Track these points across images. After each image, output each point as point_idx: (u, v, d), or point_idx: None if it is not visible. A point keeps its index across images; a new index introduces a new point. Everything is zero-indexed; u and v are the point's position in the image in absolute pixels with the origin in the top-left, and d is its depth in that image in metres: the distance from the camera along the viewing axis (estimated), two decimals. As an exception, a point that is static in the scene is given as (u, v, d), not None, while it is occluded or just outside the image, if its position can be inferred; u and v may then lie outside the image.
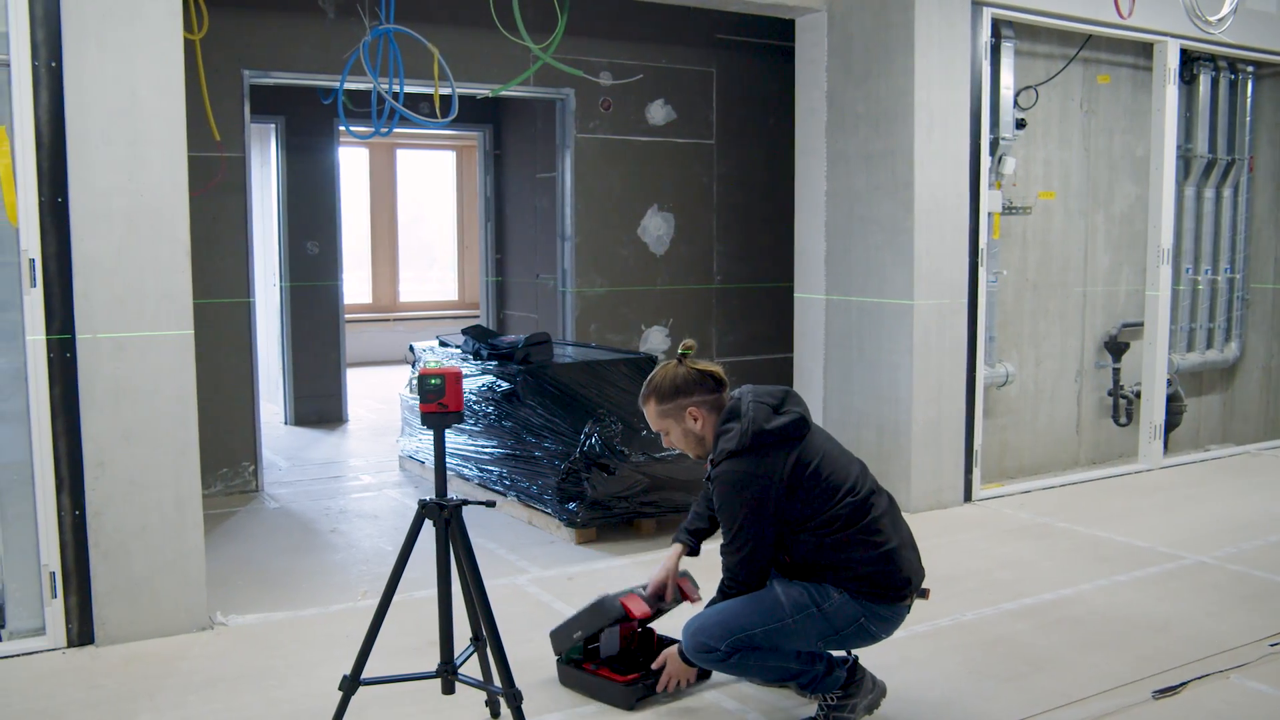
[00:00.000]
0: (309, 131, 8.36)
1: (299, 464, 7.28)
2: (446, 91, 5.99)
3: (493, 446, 5.97)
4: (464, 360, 6.43)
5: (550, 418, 5.55)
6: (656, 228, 7.63)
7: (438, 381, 3.00)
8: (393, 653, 3.91)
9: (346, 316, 12.54)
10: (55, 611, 4.01)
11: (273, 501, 6.24)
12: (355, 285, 13.05)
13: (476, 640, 3.28)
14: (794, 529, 3.22)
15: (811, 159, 6.42)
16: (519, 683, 3.68)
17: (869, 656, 3.85)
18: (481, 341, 6.33)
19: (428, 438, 6.68)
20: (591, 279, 7.42)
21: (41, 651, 3.99)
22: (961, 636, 4.15)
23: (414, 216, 13.57)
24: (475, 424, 6.15)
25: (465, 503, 3.09)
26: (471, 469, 6.19)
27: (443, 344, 6.88)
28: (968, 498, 6.16)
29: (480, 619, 3.06)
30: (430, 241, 13.79)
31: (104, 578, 4.03)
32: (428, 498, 3.08)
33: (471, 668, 3.33)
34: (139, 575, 4.08)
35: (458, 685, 3.16)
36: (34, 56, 3.84)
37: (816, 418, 6.42)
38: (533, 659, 3.92)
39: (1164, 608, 4.47)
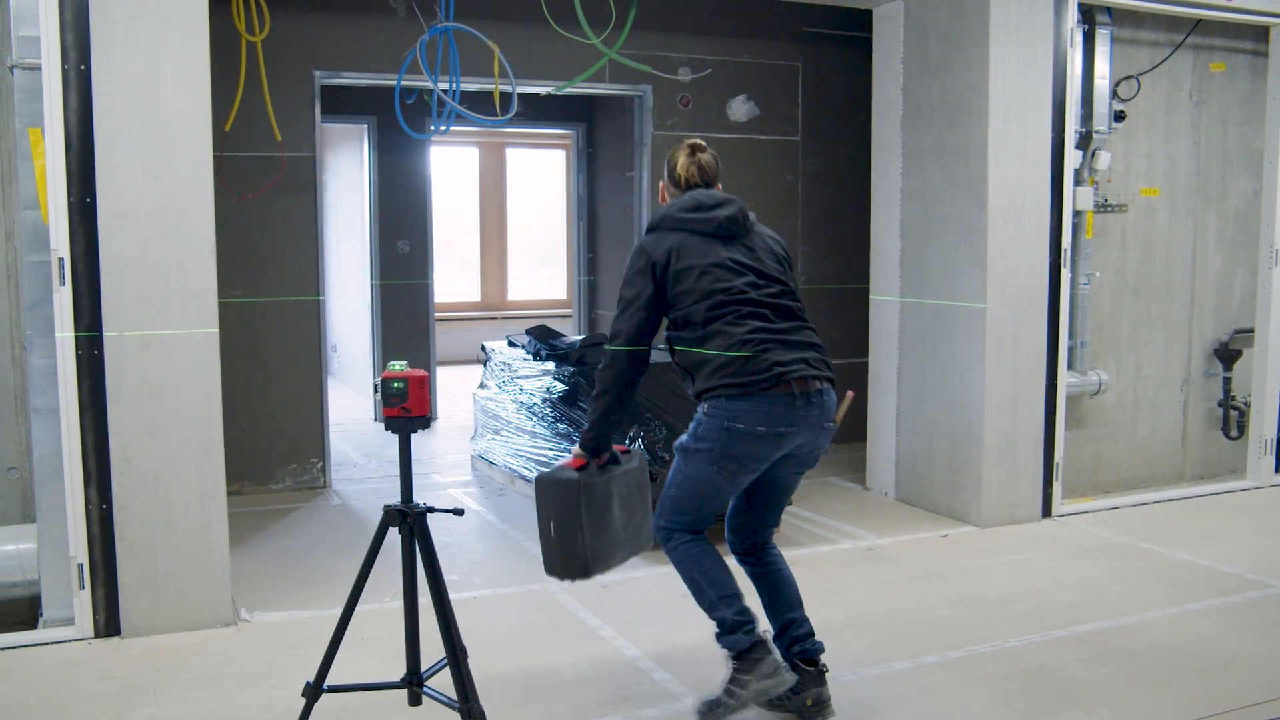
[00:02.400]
0: (400, 131, 8.41)
1: (375, 460, 7.37)
2: (507, 89, 5.95)
3: (550, 448, 5.90)
4: (525, 360, 6.38)
5: (599, 420, 5.43)
6: (737, 227, 7.41)
7: (400, 385, 2.92)
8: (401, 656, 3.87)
9: (455, 315, 12.81)
10: (83, 602, 4.10)
11: (336, 498, 6.31)
12: (464, 284, 13.22)
13: (454, 651, 3.18)
14: (671, 315, 3.36)
15: (887, 155, 6.14)
16: (520, 692, 3.62)
17: (889, 681, 3.63)
18: (542, 342, 6.27)
19: (497, 438, 6.66)
20: (668, 279, 7.26)
21: (69, 641, 4.08)
22: (997, 665, 3.87)
23: (528, 215, 13.66)
24: (535, 426, 6.10)
25: (430, 510, 3.01)
26: (533, 471, 6.13)
27: (511, 344, 6.85)
28: (1046, 513, 5.79)
29: (440, 629, 2.96)
30: (541, 240, 13.86)
31: (129, 571, 4.11)
32: (393, 502, 3.01)
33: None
34: (163, 569, 4.14)
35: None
36: (64, 60, 3.93)
37: (889, 425, 6.16)
38: (541, 668, 3.83)
39: (1234, 642, 4.08)
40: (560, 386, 5.88)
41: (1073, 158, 5.74)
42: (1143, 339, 6.57)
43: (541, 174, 13.59)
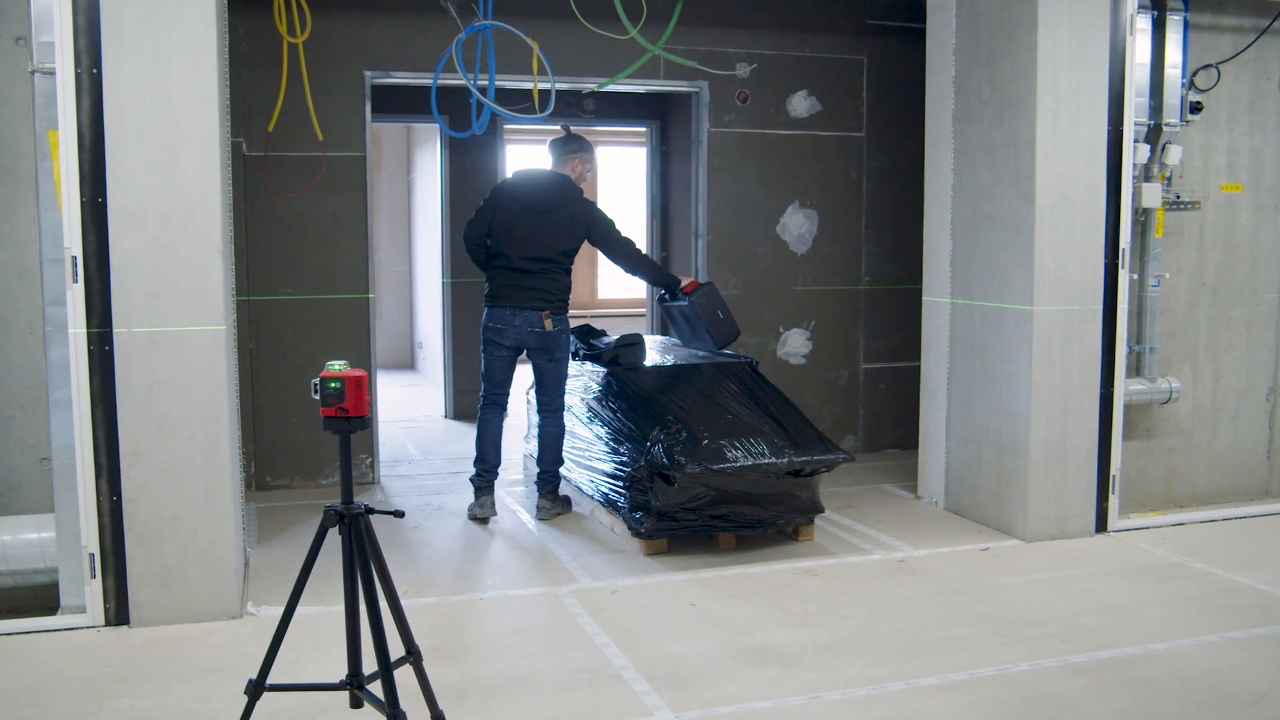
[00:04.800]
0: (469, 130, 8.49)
1: (431, 457, 7.43)
2: (546, 86, 5.92)
3: (583, 449, 5.85)
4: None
5: (626, 423, 5.37)
6: (797, 225, 7.25)
7: (337, 385, 2.90)
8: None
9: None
10: (94, 591, 4.23)
11: (381, 494, 6.39)
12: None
13: (408, 654, 3.15)
14: None
15: (939, 150, 5.90)
16: (491, 698, 3.54)
17: (876, 703, 3.47)
18: (583, 342, 6.22)
19: (545, 437, 6.62)
20: (725, 278, 7.14)
21: (80, 628, 4.21)
22: (998, 690, 3.66)
23: (617, 212, 13.61)
24: (575, 425, 6.05)
25: (370, 511, 2.99)
26: (577, 472, 6.09)
27: (560, 343, 6.81)
28: (1101, 528, 5.47)
29: (371, 633, 2.93)
30: (631, 237, 13.80)
31: (138, 562, 4.21)
32: (333, 504, 2.99)
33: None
34: (171, 561, 4.23)
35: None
36: (76, 64, 4.04)
37: (940, 432, 5.93)
38: (523, 674, 3.78)
39: (1269, 676, 3.77)
40: (595, 387, 5.82)
41: (1132, 152, 5.41)
42: (1223, 344, 6.17)
43: (631, 170, 13.54)
